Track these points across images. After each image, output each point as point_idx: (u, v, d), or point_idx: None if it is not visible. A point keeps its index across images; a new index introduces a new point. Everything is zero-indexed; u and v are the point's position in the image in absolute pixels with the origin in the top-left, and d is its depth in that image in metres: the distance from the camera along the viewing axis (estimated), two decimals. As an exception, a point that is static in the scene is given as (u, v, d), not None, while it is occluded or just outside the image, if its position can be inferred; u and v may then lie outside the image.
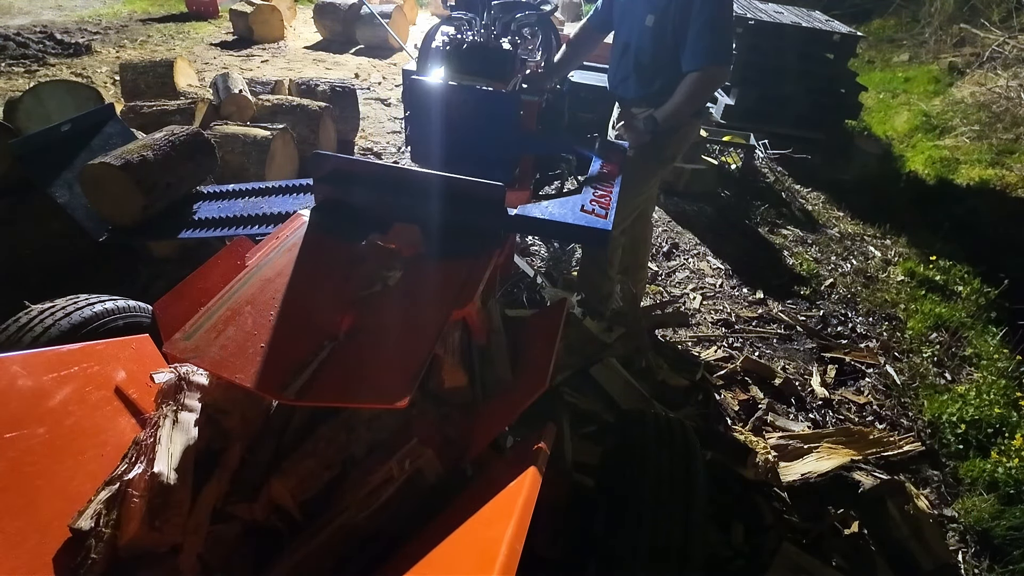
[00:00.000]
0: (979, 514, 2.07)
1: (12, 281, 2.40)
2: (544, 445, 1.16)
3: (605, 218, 1.50)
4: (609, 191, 1.67)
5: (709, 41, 1.93)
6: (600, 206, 1.56)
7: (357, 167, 1.50)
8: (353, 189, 1.47)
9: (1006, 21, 7.07)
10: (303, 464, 1.20)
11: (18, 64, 5.55)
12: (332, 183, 1.48)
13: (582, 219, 1.47)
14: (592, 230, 1.45)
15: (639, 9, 2.07)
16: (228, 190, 2.75)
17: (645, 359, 2.50)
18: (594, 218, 1.48)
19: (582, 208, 1.53)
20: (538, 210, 1.49)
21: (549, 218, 1.47)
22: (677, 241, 3.65)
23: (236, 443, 1.22)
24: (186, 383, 1.25)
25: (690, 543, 1.18)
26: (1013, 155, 4.99)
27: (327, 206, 1.50)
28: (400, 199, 1.43)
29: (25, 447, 1.11)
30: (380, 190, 1.44)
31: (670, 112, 2.03)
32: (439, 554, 0.95)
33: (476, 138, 1.94)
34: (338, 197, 1.48)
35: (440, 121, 1.94)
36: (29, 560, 1.01)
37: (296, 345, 1.19)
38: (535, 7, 2.34)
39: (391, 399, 1.10)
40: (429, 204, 1.42)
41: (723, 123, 5.32)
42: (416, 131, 2.07)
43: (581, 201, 1.57)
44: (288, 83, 4.54)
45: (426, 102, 1.97)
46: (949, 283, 3.46)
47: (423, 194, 1.42)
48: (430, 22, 8.11)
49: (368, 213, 1.44)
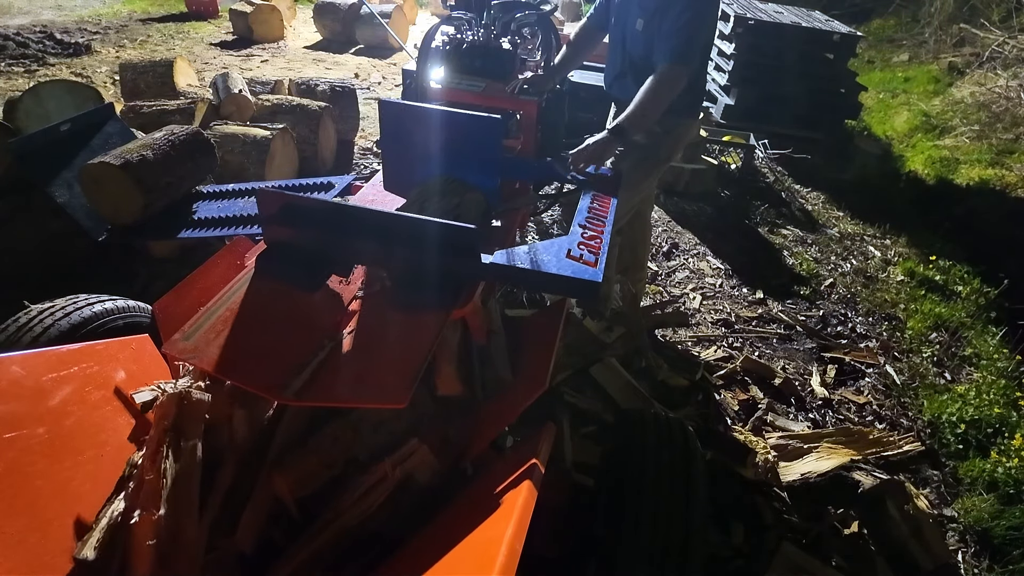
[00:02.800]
0: (979, 514, 2.07)
1: (12, 281, 2.39)
2: (544, 445, 1.16)
3: (595, 265, 1.30)
4: (600, 231, 1.46)
5: (676, 41, 1.93)
6: (590, 250, 1.36)
7: (310, 205, 1.31)
8: (307, 230, 1.28)
9: (1006, 21, 7.07)
10: (305, 460, 1.20)
11: (18, 64, 5.55)
12: (282, 223, 1.29)
13: (568, 267, 1.27)
14: (579, 282, 1.25)
15: (631, 13, 2.08)
16: (228, 190, 2.75)
17: (645, 359, 2.50)
18: (582, 267, 1.28)
19: (568, 253, 1.32)
20: (518, 256, 1.30)
21: (530, 267, 1.27)
22: (677, 241, 3.65)
23: (229, 461, 1.20)
24: (182, 401, 1.19)
25: (690, 543, 1.18)
26: (1013, 155, 4.99)
27: (277, 249, 1.31)
28: (361, 241, 1.26)
29: (25, 447, 1.11)
30: (338, 231, 1.26)
31: (636, 112, 1.96)
32: (439, 554, 0.95)
33: (457, 164, 1.71)
34: (289, 239, 1.30)
35: (418, 146, 1.74)
36: (29, 560, 1.01)
37: (296, 345, 1.19)
38: (535, 7, 2.34)
39: (391, 399, 1.10)
40: (393, 248, 1.25)
41: (723, 123, 5.32)
42: (390, 157, 1.85)
43: (568, 244, 1.36)
44: (288, 83, 4.53)
45: (402, 125, 1.75)
46: (949, 283, 3.46)
47: (386, 237, 1.24)
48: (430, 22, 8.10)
49: (325, 256, 1.29)
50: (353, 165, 4.25)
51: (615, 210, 1.62)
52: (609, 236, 1.44)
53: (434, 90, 2.24)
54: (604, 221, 1.51)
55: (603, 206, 1.59)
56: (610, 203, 1.61)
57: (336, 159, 4.16)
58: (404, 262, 1.27)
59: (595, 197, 1.65)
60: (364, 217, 1.27)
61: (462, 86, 2.23)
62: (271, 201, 1.29)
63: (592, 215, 1.54)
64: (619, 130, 1.98)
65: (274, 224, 1.30)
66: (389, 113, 1.76)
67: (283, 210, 1.29)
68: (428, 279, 1.25)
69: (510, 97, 2.19)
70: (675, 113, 2.09)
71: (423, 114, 1.72)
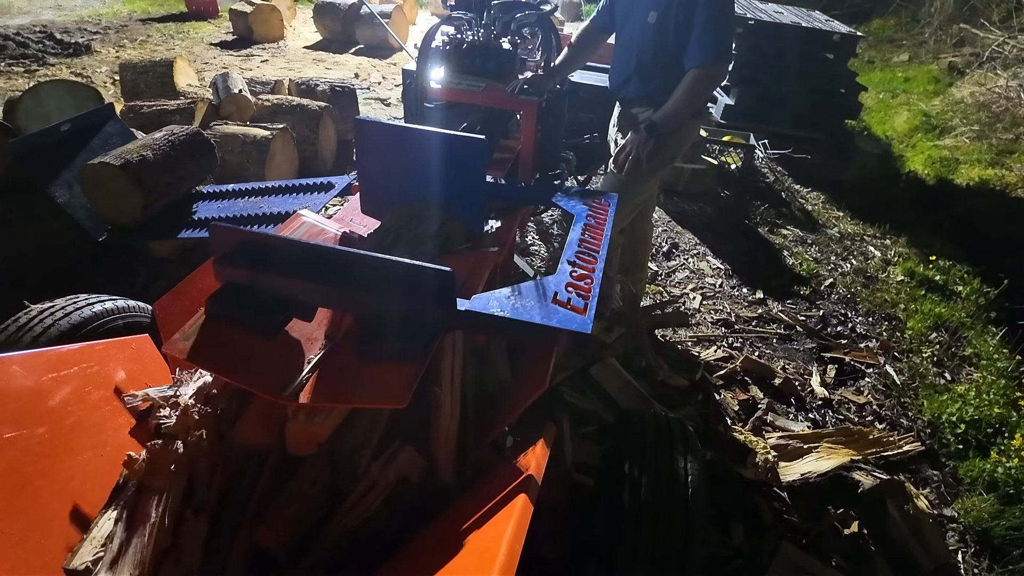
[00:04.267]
0: (979, 514, 2.07)
1: (12, 281, 2.40)
2: (544, 445, 1.16)
3: (584, 312, 1.15)
4: (592, 268, 1.31)
5: (711, 39, 1.94)
6: (579, 292, 1.21)
7: (268, 243, 1.17)
8: (264, 271, 1.14)
9: (1006, 21, 7.07)
10: (289, 509, 1.14)
11: (18, 64, 5.55)
12: (237, 263, 1.15)
13: (553, 315, 1.13)
14: (566, 333, 1.11)
15: (641, 7, 2.07)
16: (228, 190, 2.75)
17: (645, 359, 2.50)
18: (569, 315, 1.14)
19: (555, 297, 1.18)
20: (497, 301, 1.16)
21: (511, 315, 1.13)
22: (677, 241, 3.65)
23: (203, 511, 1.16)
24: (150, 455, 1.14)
25: (690, 543, 1.18)
26: (1013, 155, 4.99)
27: (231, 290, 1.17)
28: (322, 284, 1.13)
29: (25, 447, 1.11)
30: (297, 272, 1.13)
31: (671, 112, 2.03)
32: (439, 554, 0.95)
33: (439, 188, 1.58)
34: (245, 280, 1.16)
35: (397, 168, 1.61)
36: (29, 560, 1.01)
37: (296, 345, 1.19)
38: (535, 7, 2.34)
39: (391, 399, 1.10)
40: (358, 291, 1.12)
41: (723, 123, 5.32)
42: (368, 179, 1.70)
43: (554, 286, 1.22)
44: (288, 83, 4.54)
45: (380, 145, 1.62)
46: (949, 283, 3.46)
47: (350, 278, 1.11)
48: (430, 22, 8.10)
49: (283, 298, 1.16)
50: (353, 165, 4.25)
51: (612, 222, 1.55)
52: (601, 274, 1.31)
53: (434, 90, 2.24)
54: (596, 256, 1.36)
55: (595, 237, 1.44)
56: (603, 234, 1.47)
57: (336, 159, 4.16)
58: (370, 307, 1.14)
59: (586, 227, 1.49)
60: (326, 257, 1.13)
61: (462, 86, 2.23)
62: (225, 238, 1.16)
63: (583, 249, 1.39)
64: (653, 127, 2.02)
65: (228, 264, 1.16)
66: (366, 133, 1.62)
67: (238, 248, 1.15)
68: (396, 327, 1.13)
69: (510, 97, 2.19)
70: None
71: (403, 134, 1.61)
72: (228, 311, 1.15)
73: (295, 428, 1.18)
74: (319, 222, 1.69)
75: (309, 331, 1.23)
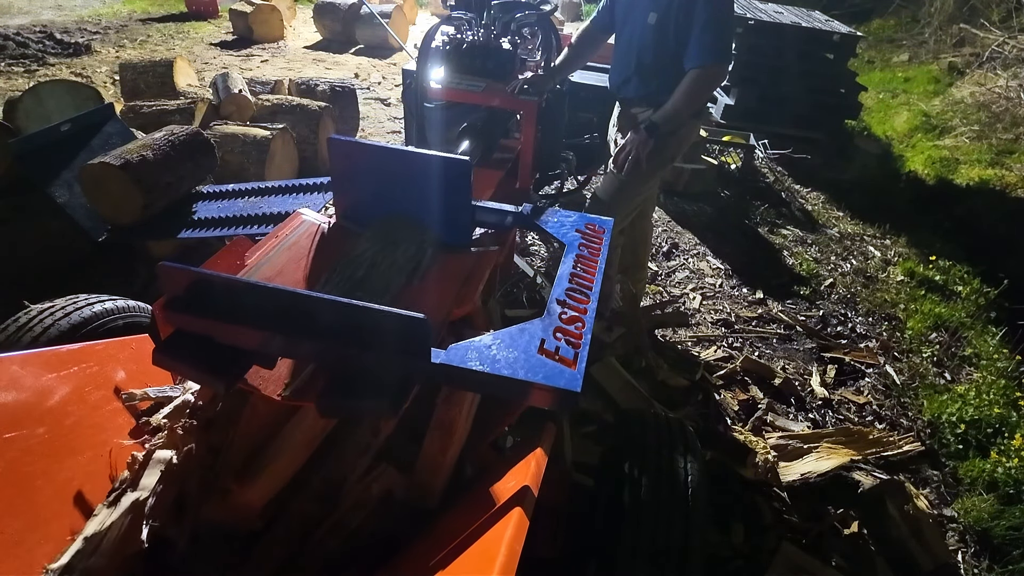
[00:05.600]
0: (979, 514, 2.07)
1: (12, 281, 2.40)
2: (544, 445, 1.16)
3: (574, 365, 1.00)
4: (584, 310, 1.14)
5: (711, 39, 1.94)
6: (569, 339, 1.05)
7: (221, 285, 1.03)
8: (219, 318, 1.01)
9: (1006, 21, 7.07)
10: (275, 550, 1.13)
11: (18, 64, 5.55)
12: (189, 308, 1.02)
13: (539, 370, 0.98)
14: (551, 392, 0.96)
15: (641, 8, 2.07)
16: (228, 190, 2.76)
17: (645, 359, 2.50)
18: (557, 368, 0.98)
19: (542, 346, 1.03)
20: (476, 352, 1.01)
21: (491, 370, 0.98)
22: (677, 241, 3.65)
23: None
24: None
25: (690, 543, 1.18)
26: (1013, 155, 4.99)
27: (184, 336, 1.04)
28: (282, 334, 1.00)
29: (25, 447, 1.11)
30: (255, 320, 0.99)
31: (670, 112, 2.03)
32: (439, 554, 0.95)
33: (419, 212, 1.48)
34: (199, 329, 1.03)
35: (372, 190, 1.50)
36: (29, 560, 1.01)
37: (296, 345, 1.18)
38: (535, 7, 2.35)
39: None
40: (324, 341, 0.99)
41: (723, 123, 5.32)
42: (343, 200, 1.58)
43: (542, 333, 1.06)
44: (288, 83, 4.54)
45: (355, 166, 1.50)
46: (949, 283, 3.46)
47: (314, 326, 0.98)
48: (430, 22, 8.10)
49: (243, 349, 1.03)
50: (353, 165, 4.25)
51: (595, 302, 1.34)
52: (593, 316, 1.15)
53: (434, 90, 2.24)
54: (589, 295, 1.19)
55: (588, 271, 1.27)
56: (597, 267, 1.31)
57: (336, 159, 4.15)
58: (335, 358, 1.01)
59: (578, 258, 1.32)
60: (288, 302, 1.00)
61: (462, 86, 2.23)
62: (176, 279, 1.02)
63: (574, 285, 1.22)
64: (653, 127, 2.02)
65: (180, 309, 1.03)
66: (339, 152, 1.49)
67: (191, 290, 1.03)
68: (363, 381, 1.00)
69: (510, 97, 2.19)
70: None
71: (379, 153, 1.47)
72: (181, 356, 1.02)
73: (232, 500, 1.11)
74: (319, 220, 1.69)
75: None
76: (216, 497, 1.12)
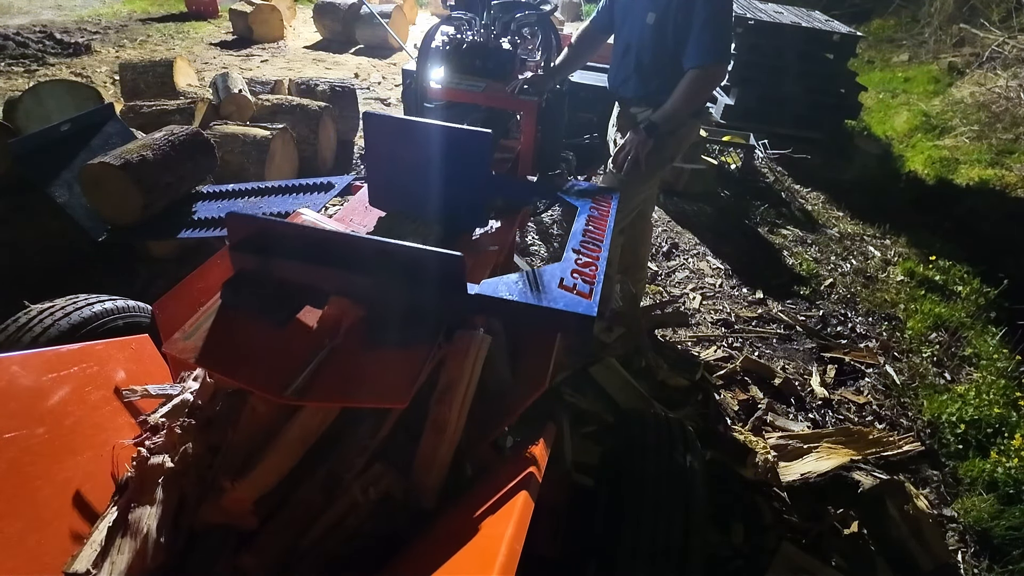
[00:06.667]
0: (979, 514, 2.07)
1: (12, 281, 2.40)
2: (544, 445, 1.16)
3: (589, 296, 1.20)
4: (596, 257, 1.35)
5: (709, 39, 1.94)
6: (584, 279, 1.26)
7: (282, 231, 1.22)
8: (278, 258, 1.20)
9: (1006, 21, 7.07)
10: (278, 538, 1.12)
11: (18, 64, 5.55)
12: (253, 250, 1.21)
13: (560, 299, 1.17)
14: (572, 316, 1.15)
15: (640, 8, 2.07)
16: (228, 190, 2.75)
17: (645, 359, 2.50)
18: (575, 298, 1.19)
19: (561, 283, 1.23)
20: (506, 285, 1.20)
21: (519, 298, 1.17)
22: (677, 241, 3.65)
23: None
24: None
25: (690, 543, 1.18)
26: (1013, 155, 4.99)
27: (246, 278, 1.23)
28: (336, 270, 1.18)
29: (25, 447, 1.11)
30: (311, 259, 1.18)
31: (670, 112, 2.03)
32: (439, 554, 0.95)
33: (444, 181, 1.63)
34: (259, 267, 1.22)
35: (404, 161, 1.66)
36: (29, 560, 1.01)
37: (296, 345, 1.19)
38: (535, 7, 2.35)
39: (391, 399, 1.09)
40: (371, 277, 1.15)
41: (723, 123, 5.32)
42: (375, 172, 1.75)
43: (560, 272, 1.26)
44: (288, 83, 4.54)
45: (387, 139, 1.66)
46: (949, 283, 3.46)
47: (363, 265, 1.15)
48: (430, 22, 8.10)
49: (297, 286, 1.21)
50: (353, 165, 4.25)
51: (615, 216, 1.56)
52: (604, 263, 1.35)
53: (434, 90, 2.24)
54: (600, 245, 1.41)
55: (599, 228, 1.50)
56: (606, 225, 1.52)
57: (336, 159, 4.16)
58: (380, 293, 1.16)
59: (590, 218, 1.55)
60: (338, 243, 1.18)
61: (462, 86, 2.23)
62: (242, 226, 1.20)
63: (587, 238, 1.44)
64: (653, 127, 2.03)
65: (244, 251, 1.21)
66: (374, 126, 1.66)
67: (255, 236, 1.20)
68: (407, 312, 1.15)
69: (510, 97, 2.19)
70: None
71: (409, 127, 1.63)
72: (242, 298, 1.20)
73: (225, 499, 1.13)
74: (319, 221, 1.69)
75: (310, 332, 1.23)
76: (213, 496, 1.12)
